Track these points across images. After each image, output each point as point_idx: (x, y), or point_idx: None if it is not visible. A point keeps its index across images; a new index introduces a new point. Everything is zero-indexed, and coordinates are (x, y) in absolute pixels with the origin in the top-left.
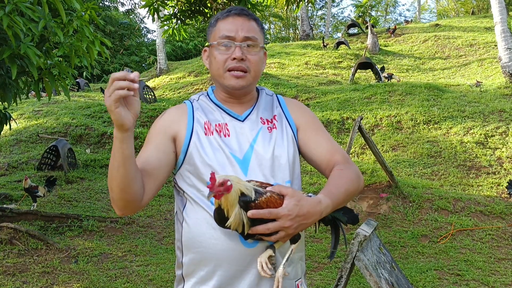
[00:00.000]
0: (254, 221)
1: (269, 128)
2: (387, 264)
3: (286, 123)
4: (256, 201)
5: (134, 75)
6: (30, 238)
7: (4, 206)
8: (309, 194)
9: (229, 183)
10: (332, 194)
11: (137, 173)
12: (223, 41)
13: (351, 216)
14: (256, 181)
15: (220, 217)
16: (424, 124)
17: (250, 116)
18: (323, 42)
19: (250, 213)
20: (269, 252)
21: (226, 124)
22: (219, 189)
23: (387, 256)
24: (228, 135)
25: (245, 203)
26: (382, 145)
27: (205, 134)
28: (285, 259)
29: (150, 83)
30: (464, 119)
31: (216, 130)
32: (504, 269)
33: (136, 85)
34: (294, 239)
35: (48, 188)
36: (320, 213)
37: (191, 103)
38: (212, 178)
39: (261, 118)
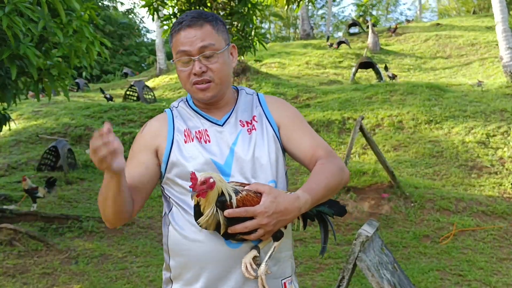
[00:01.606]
0: (232, 221)
1: (249, 130)
2: (389, 265)
3: (266, 122)
4: (232, 200)
5: (106, 128)
6: (30, 239)
7: (4, 207)
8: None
9: (211, 180)
10: (312, 189)
11: (129, 196)
12: (181, 58)
13: (337, 208)
14: (237, 182)
15: (196, 214)
16: (426, 124)
17: (229, 120)
18: (328, 41)
19: (227, 212)
20: (254, 252)
21: (206, 130)
22: (202, 187)
23: (389, 257)
24: (209, 141)
25: (221, 203)
26: (384, 145)
27: (185, 142)
28: (267, 257)
29: (150, 83)
30: (466, 118)
31: (197, 137)
32: (506, 269)
33: (111, 137)
34: (276, 236)
35: (48, 189)
36: (298, 209)
37: (171, 111)
38: (193, 178)
39: (240, 120)
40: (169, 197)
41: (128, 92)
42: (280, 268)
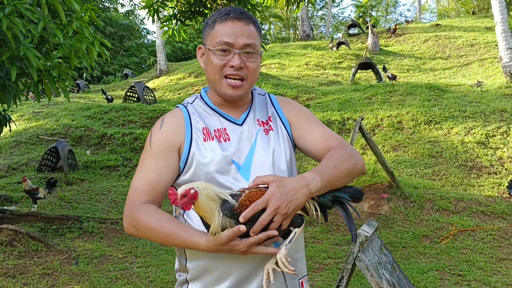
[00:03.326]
0: (247, 224)
1: (266, 130)
2: (388, 265)
3: (280, 123)
4: (238, 203)
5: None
6: (30, 240)
7: (4, 208)
8: None
9: (192, 191)
10: (320, 170)
11: None
12: (222, 47)
13: (353, 191)
14: (231, 191)
15: (206, 226)
16: (425, 124)
17: (247, 119)
18: (331, 43)
19: (242, 217)
20: (276, 258)
21: (225, 129)
22: (183, 200)
23: (388, 257)
24: (228, 139)
25: (229, 210)
26: (383, 146)
27: (204, 140)
28: (287, 240)
29: (150, 84)
30: (465, 119)
31: (216, 136)
32: (506, 269)
33: (242, 228)
34: (297, 222)
35: (48, 190)
36: (306, 185)
37: (185, 107)
38: (171, 194)
39: (257, 120)
40: None
41: (128, 93)
42: (297, 267)
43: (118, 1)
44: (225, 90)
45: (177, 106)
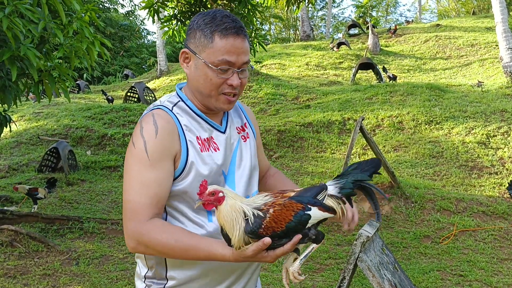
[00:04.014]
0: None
1: (243, 137)
2: (389, 265)
3: (251, 131)
4: (263, 225)
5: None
6: (30, 240)
7: (5, 208)
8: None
9: (220, 194)
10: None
11: None
12: (223, 66)
13: (370, 166)
14: (265, 195)
15: (225, 238)
16: (426, 124)
17: (228, 126)
18: (332, 43)
19: (268, 241)
20: (294, 255)
21: (212, 137)
22: (208, 198)
23: (390, 257)
24: (218, 149)
25: (253, 233)
26: (384, 146)
27: (201, 150)
28: (303, 256)
29: (151, 85)
30: (466, 119)
31: (209, 146)
32: (507, 270)
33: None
34: (318, 239)
35: (48, 190)
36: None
37: (170, 111)
38: (203, 185)
39: (236, 127)
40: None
41: (128, 94)
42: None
43: (118, 2)
44: (220, 105)
45: (159, 107)
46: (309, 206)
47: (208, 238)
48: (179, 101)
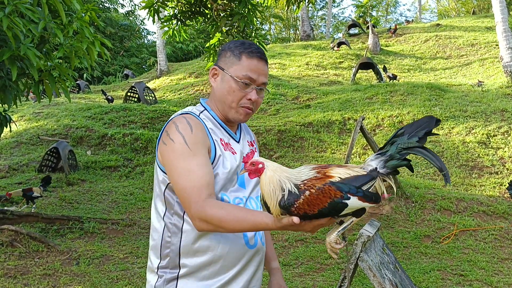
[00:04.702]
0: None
1: (252, 152)
2: (390, 265)
3: (257, 149)
4: (295, 205)
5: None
6: (31, 240)
7: (5, 208)
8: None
9: (260, 165)
10: None
11: None
12: (245, 81)
13: (420, 128)
14: (312, 168)
15: (264, 204)
16: None
17: (242, 137)
18: (333, 43)
19: (297, 220)
20: (338, 227)
21: (229, 143)
22: (250, 167)
23: (391, 257)
24: (235, 153)
25: (285, 209)
26: None
27: (224, 149)
28: (341, 227)
29: (151, 85)
30: (466, 119)
31: (229, 148)
32: (508, 269)
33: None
34: (358, 213)
35: (43, 188)
36: None
37: (198, 116)
38: (249, 155)
39: (247, 141)
40: None
41: (129, 94)
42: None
43: (118, 2)
44: (238, 116)
45: (188, 113)
46: (349, 196)
47: (254, 210)
48: (204, 110)
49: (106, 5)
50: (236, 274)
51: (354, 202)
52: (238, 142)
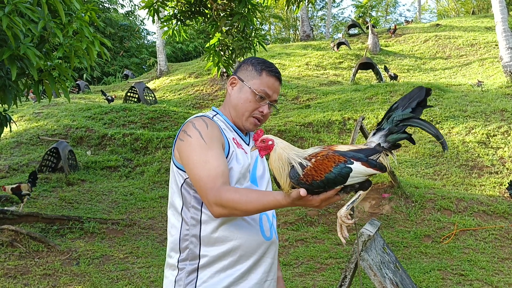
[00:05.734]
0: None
1: (261, 130)
2: (391, 264)
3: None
4: (304, 172)
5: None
6: (31, 240)
7: (5, 208)
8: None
9: (270, 142)
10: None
11: None
12: (262, 95)
13: (412, 99)
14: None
15: (274, 180)
16: None
17: (251, 142)
18: (333, 43)
19: (303, 192)
20: (347, 202)
21: (241, 144)
22: (260, 144)
23: (391, 256)
24: (246, 152)
25: (294, 179)
26: None
27: (238, 147)
28: (350, 201)
29: (151, 85)
30: (466, 118)
31: (240, 147)
32: (508, 269)
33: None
34: (365, 186)
35: (31, 184)
36: None
37: (211, 118)
38: (258, 133)
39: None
40: None
41: (128, 94)
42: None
43: (118, 2)
44: (248, 126)
45: (204, 115)
46: (352, 160)
47: (265, 191)
48: (217, 114)
49: (106, 5)
50: (253, 264)
51: (358, 167)
52: (248, 145)
